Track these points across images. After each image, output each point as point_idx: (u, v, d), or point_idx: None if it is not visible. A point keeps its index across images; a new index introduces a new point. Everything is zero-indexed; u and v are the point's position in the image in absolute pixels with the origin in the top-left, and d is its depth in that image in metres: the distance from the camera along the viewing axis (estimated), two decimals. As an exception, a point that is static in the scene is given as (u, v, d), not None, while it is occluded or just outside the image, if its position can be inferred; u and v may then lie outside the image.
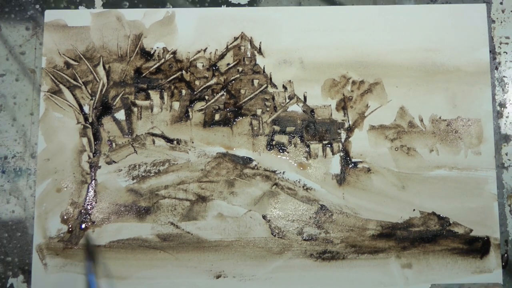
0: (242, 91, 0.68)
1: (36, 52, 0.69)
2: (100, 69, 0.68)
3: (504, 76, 0.69)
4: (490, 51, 0.69)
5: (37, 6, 0.70)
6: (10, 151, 0.67)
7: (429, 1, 0.71)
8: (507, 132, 0.68)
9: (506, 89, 0.69)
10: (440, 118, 0.68)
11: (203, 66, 0.69)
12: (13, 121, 0.68)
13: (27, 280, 0.64)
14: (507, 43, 0.70)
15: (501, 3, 0.70)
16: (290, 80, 0.68)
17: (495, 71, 0.69)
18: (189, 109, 0.68)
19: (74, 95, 0.68)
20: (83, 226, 0.65)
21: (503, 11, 0.70)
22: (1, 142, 0.67)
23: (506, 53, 0.70)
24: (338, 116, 0.68)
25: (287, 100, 0.68)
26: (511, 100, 0.69)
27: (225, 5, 0.71)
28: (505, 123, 0.68)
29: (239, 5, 0.71)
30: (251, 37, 0.69)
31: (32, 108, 0.68)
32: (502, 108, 0.68)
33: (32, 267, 0.64)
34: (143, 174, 0.66)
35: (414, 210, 0.66)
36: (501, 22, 0.70)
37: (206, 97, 0.68)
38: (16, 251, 0.65)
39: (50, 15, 0.69)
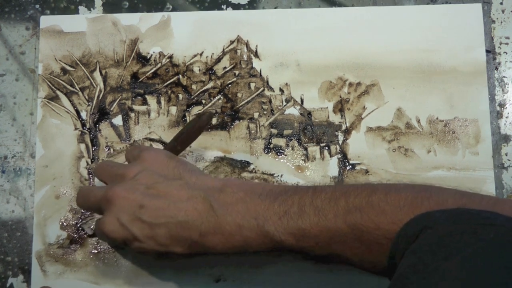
0: (239, 95, 0.68)
1: (36, 52, 0.69)
2: (96, 74, 0.69)
3: (504, 77, 0.69)
4: (490, 51, 0.69)
5: (37, 6, 0.70)
6: (10, 151, 0.68)
7: (428, 2, 0.70)
8: (507, 132, 0.67)
9: (506, 89, 0.68)
10: (437, 118, 0.67)
11: (199, 70, 0.69)
12: (13, 121, 0.68)
13: (27, 280, 0.65)
14: (507, 43, 0.69)
15: (501, 3, 0.70)
16: (287, 83, 0.68)
17: (495, 71, 0.69)
18: (186, 114, 0.68)
19: (71, 101, 0.68)
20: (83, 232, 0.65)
21: (503, 11, 0.70)
22: (1, 142, 0.68)
23: (506, 53, 0.69)
24: (335, 118, 0.68)
25: (284, 103, 0.68)
26: (511, 100, 0.68)
27: (225, 5, 0.70)
28: (505, 123, 0.68)
29: (239, 5, 0.70)
30: (247, 40, 0.69)
31: (32, 108, 0.68)
32: (502, 108, 0.68)
33: (31, 274, 0.64)
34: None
35: (412, 211, 0.66)
36: (501, 22, 0.69)
37: (203, 101, 0.68)
38: (16, 250, 0.65)
39: (46, 21, 0.69)
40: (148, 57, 0.69)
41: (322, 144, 0.67)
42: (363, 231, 0.47)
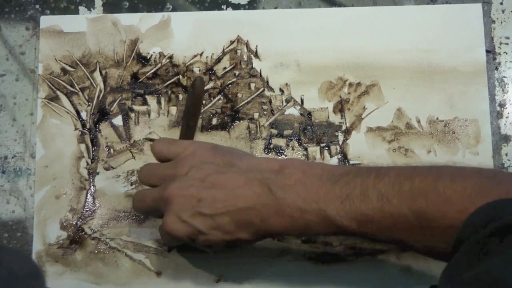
0: (239, 95, 0.68)
1: (36, 52, 0.69)
2: (97, 75, 0.69)
3: (504, 77, 0.69)
4: (490, 52, 0.69)
5: (37, 6, 0.70)
6: (10, 151, 0.68)
7: (428, 2, 0.70)
8: (507, 132, 0.67)
9: (506, 89, 0.68)
10: (437, 119, 0.67)
11: (199, 70, 0.69)
12: (13, 121, 0.68)
13: (28, 281, 0.65)
14: (507, 43, 0.69)
15: (501, 3, 0.70)
16: (287, 83, 0.68)
17: (495, 71, 0.69)
18: (187, 114, 0.68)
19: (71, 102, 0.68)
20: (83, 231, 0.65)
21: (503, 11, 0.70)
22: (1, 142, 0.68)
23: (506, 53, 0.69)
24: (335, 119, 0.68)
25: (284, 103, 0.68)
26: (511, 100, 0.68)
27: (225, 5, 0.70)
28: (505, 124, 0.68)
29: (239, 5, 0.70)
30: (247, 41, 0.69)
31: (32, 108, 0.68)
32: (502, 108, 0.68)
33: (32, 274, 0.65)
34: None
35: (413, 211, 0.66)
36: (501, 22, 0.69)
37: (203, 102, 0.68)
38: (16, 251, 0.66)
39: (46, 21, 0.69)
40: (148, 57, 0.69)
41: (322, 145, 0.67)
42: (428, 219, 0.46)
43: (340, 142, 0.67)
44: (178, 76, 0.69)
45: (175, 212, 0.52)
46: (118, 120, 0.68)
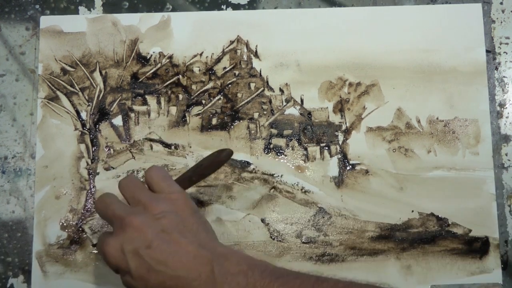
0: (239, 95, 0.68)
1: (36, 52, 0.69)
2: (96, 75, 0.69)
3: (504, 76, 0.69)
4: (490, 52, 0.69)
5: (37, 6, 0.70)
6: (10, 151, 0.68)
7: (428, 2, 0.70)
8: (507, 132, 0.68)
9: (506, 89, 0.68)
10: (437, 118, 0.67)
11: (199, 70, 0.69)
12: (13, 121, 0.68)
13: (27, 281, 0.65)
14: (507, 43, 0.69)
15: (501, 3, 0.70)
16: (286, 83, 0.68)
17: (495, 71, 0.69)
18: (186, 114, 0.68)
19: (71, 102, 0.68)
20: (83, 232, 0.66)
21: (503, 11, 0.70)
22: (1, 142, 0.68)
23: (506, 53, 0.69)
24: (335, 119, 0.68)
25: (284, 103, 0.68)
26: (511, 100, 0.68)
27: (225, 5, 0.70)
28: (505, 123, 0.68)
29: (239, 5, 0.70)
30: (247, 40, 0.69)
31: (32, 108, 0.68)
32: (502, 108, 0.68)
33: (32, 274, 0.65)
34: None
35: (412, 211, 0.66)
36: (501, 22, 0.69)
37: (203, 102, 0.68)
38: (16, 251, 0.66)
39: (46, 21, 0.69)
40: (148, 57, 0.69)
41: (322, 144, 0.67)
42: None
43: (340, 142, 0.67)
44: (178, 76, 0.69)
45: (121, 240, 0.52)
46: (118, 120, 0.68)
